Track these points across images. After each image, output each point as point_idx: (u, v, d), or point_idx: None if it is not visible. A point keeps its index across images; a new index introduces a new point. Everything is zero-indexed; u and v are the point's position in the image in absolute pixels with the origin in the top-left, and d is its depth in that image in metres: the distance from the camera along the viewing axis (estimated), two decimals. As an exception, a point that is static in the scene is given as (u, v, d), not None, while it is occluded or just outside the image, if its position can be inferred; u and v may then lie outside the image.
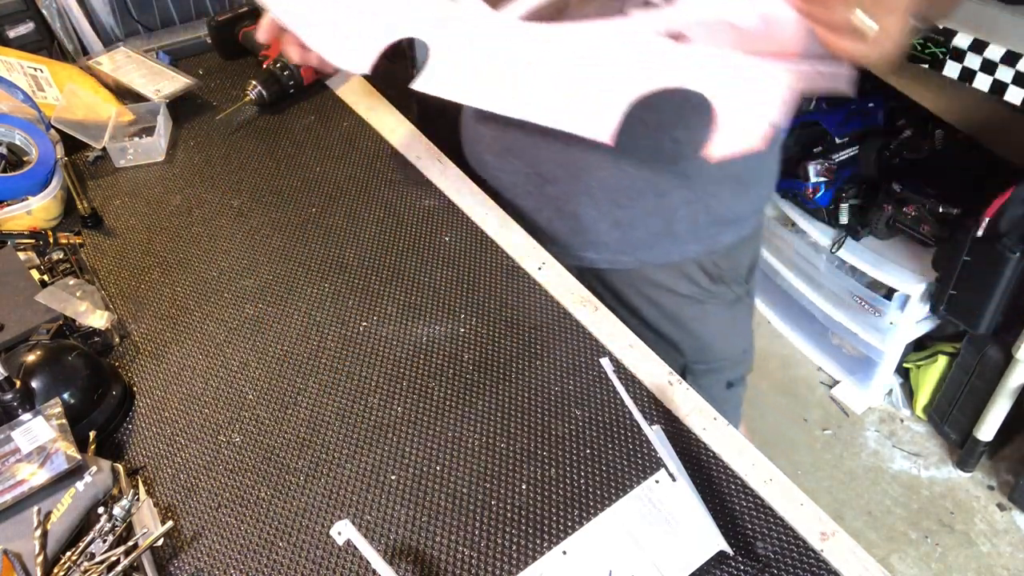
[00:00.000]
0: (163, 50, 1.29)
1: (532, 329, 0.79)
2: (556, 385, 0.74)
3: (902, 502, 1.79)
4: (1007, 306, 1.61)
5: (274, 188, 1.01)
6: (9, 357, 0.73)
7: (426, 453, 0.69)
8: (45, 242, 0.90)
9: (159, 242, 0.94)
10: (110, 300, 0.87)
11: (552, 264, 0.87)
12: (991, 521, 1.74)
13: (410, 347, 0.78)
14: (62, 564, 0.60)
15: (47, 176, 0.97)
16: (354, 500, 0.66)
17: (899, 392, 1.98)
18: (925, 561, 1.68)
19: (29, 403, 0.69)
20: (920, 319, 1.80)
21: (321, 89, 1.21)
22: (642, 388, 0.73)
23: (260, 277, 0.88)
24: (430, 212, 0.95)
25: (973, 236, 1.56)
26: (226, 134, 1.13)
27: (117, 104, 1.14)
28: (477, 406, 0.72)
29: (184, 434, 0.72)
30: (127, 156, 1.07)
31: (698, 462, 0.67)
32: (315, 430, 0.72)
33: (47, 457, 0.65)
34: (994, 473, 1.82)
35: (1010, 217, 1.52)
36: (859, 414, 1.98)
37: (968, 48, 1.35)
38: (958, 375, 1.76)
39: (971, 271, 1.60)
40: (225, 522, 0.65)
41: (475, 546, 0.62)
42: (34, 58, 1.16)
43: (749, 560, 0.60)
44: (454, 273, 0.86)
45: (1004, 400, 1.64)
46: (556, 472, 0.67)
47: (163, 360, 0.80)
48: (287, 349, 0.80)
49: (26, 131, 0.99)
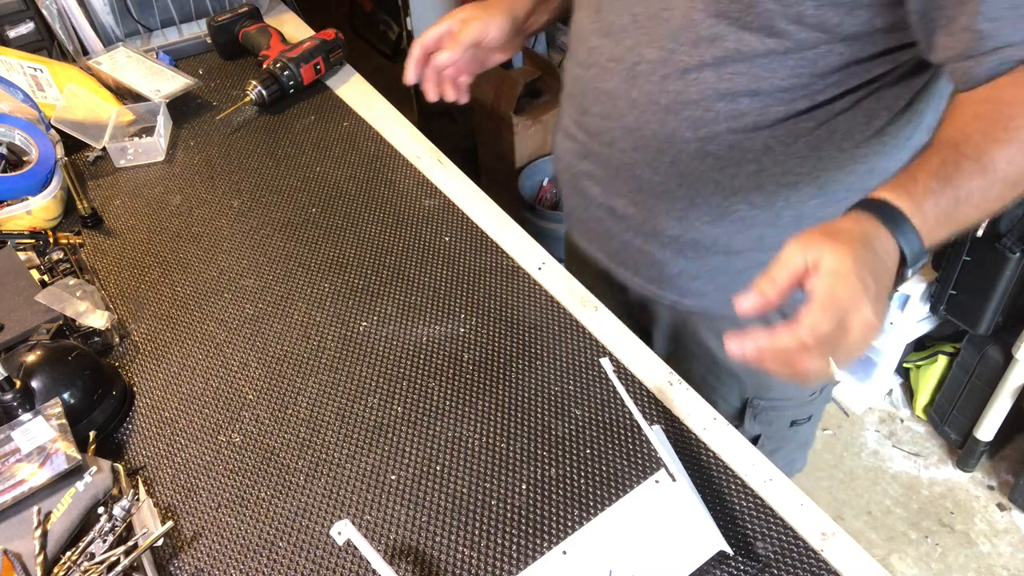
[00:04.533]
0: (163, 50, 1.28)
1: (532, 329, 0.79)
2: (556, 385, 0.74)
3: (902, 502, 1.79)
4: (1007, 306, 1.61)
5: (274, 188, 1.01)
6: (9, 357, 0.73)
7: (426, 453, 0.69)
8: (45, 242, 0.90)
9: (159, 242, 0.94)
10: (110, 300, 0.87)
11: (552, 264, 0.87)
12: (991, 521, 1.74)
13: (410, 347, 0.78)
14: (62, 564, 0.60)
15: (47, 176, 0.97)
16: (354, 500, 0.66)
17: (899, 392, 1.98)
18: (925, 561, 1.68)
19: (29, 403, 0.69)
20: (920, 319, 1.80)
21: (321, 89, 1.21)
22: (642, 388, 0.73)
23: (260, 277, 0.88)
24: (430, 212, 0.95)
25: (973, 236, 1.56)
26: (226, 134, 1.13)
27: (117, 104, 1.14)
28: (477, 406, 0.72)
29: (184, 434, 0.72)
30: (127, 156, 1.07)
31: (698, 462, 0.67)
32: (315, 430, 0.72)
33: (47, 457, 0.64)
34: (994, 473, 1.82)
35: (1010, 217, 1.52)
36: (859, 414, 1.98)
37: (968, 48, 1.35)
38: (958, 375, 1.76)
39: (971, 271, 1.60)
40: (225, 522, 0.65)
41: (475, 546, 0.62)
42: (34, 58, 1.16)
43: (749, 560, 0.60)
44: (454, 273, 0.86)
45: (1004, 400, 1.64)
46: (556, 472, 0.67)
47: (163, 360, 0.80)
48: (287, 349, 0.80)
49: (26, 131, 0.99)
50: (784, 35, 0.72)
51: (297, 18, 1.44)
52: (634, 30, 0.81)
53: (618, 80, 0.84)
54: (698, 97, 0.79)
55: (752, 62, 0.75)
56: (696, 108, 0.80)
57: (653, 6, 0.79)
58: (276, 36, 1.25)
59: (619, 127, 0.87)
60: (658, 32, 0.79)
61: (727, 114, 0.79)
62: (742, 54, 0.75)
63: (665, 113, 0.81)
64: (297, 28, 1.39)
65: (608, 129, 0.89)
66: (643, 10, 0.80)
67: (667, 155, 0.84)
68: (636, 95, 0.83)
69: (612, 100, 0.86)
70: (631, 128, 0.85)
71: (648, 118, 0.83)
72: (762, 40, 0.73)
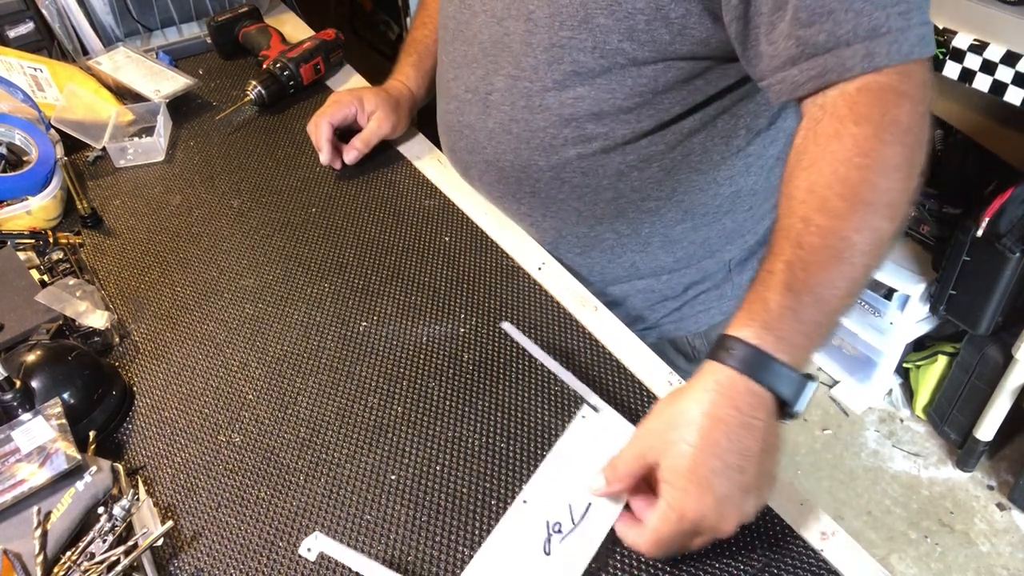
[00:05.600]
0: (163, 50, 1.28)
1: (532, 329, 0.79)
2: (556, 385, 0.74)
3: (902, 502, 1.79)
4: (1007, 306, 1.61)
5: (274, 188, 1.01)
6: (9, 357, 0.73)
7: (426, 453, 0.69)
8: (45, 242, 0.90)
9: (159, 242, 0.94)
10: (110, 300, 0.87)
11: (552, 264, 0.87)
12: (991, 521, 1.74)
13: (410, 347, 0.78)
14: (62, 564, 0.60)
15: (47, 176, 0.97)
16: (354, 500, 0.66)
17: (899, 392, 1.98)
18: (925, 561, 1.68)
19: (29, 403, 0.69)
20: (920, 319, 1.81)
21: (321, 89, 1.21)
22: (642, 388, 0.73)
23: (260, 277, 0.88)
24: (430, 212, 0.95)
25: (973, 236, 1.56)
26: (226, 134, 1.13)
27: (117, 104, 1.14)
28: (477, 406, 0.72)
29: (184, 434, 0.72)
30: (127, 156, 1.07)
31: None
32: (315, 430, 0.72)
33: (47, 457, 0.65)
34: (994, 473, 1.82)
35: (1010, 217, 1.52)
36: (859, 414, 1.98)
37: (968, 48, 1.35)
38: (958, 375, 1.76)
39: (971, 271, 1.60)
40: (225, 522, 0.65)
41: (475, 546, 0.62)
42: (34, 58, 1.16)
43: (749, 560, 0.60)
44: (454, 273, 0.86)
45: (1004, 400, 1.65)
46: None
47: (163, 360, 0.80)
48: (287, 349, 0.80)
49: (26, 131, 0.99)
50: (619, 53, 0.70)
51: (297, 18, 1.44)
52: (483, 59, 0.81)
53: (475, 112, 0.84)
54: (545, 124, 0.78)
55: (592, 83, 0.74)
56: (544, 135, 0.79)
57: (495, 33, 0.78)
58: (276, 36, 1.25)
59: (481, 160, 0.88)
60: (503, 59, 0.79)
61: (574, 139, 0.78)
62: (580, 76, 0.74)
63: (518, 142, 0.81)
64: (297, 28, 1.40)
65: (474, 163, 0.89)
66: (488, 37, 0.80)
67: (526, 186, 0.84)
68: (492, 125, 0.83)
69: (473, 133, 0.86)
70: (491, 161, 0.86)
71: (504, 148, 0.83)
72: (596, 60, 0.71)
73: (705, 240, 0.87)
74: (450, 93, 0.89)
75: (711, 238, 0.87)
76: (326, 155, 0.99)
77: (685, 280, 0.90)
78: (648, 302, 0.92)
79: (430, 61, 1.05)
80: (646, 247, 0.86)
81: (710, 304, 0.93)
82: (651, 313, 0.93)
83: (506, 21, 0.77)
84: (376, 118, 1.00)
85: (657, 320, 0.93)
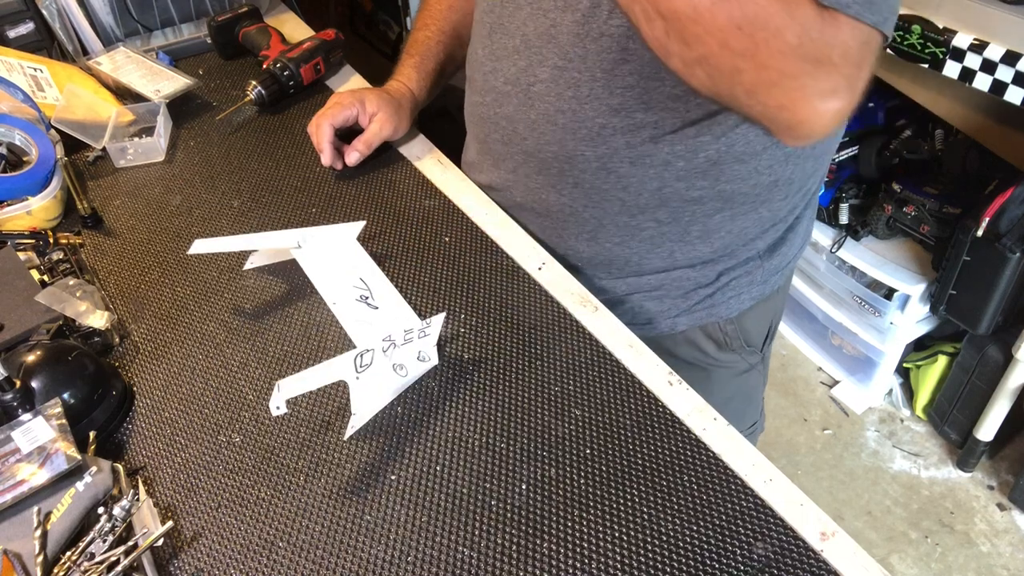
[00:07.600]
0: (163, 50, 1.28)
1: (532, 329, 0.79)
2: (556, 385, 0.74)
3: (902, 502, 1.79)
4: (1007, 306, 1.61)
5: (274, 188, 1.01)
6: (9, 357, 0.73)
7: (426, 453, 0.69)
8: (45, 242, 0.90)
9: (159, 242, 0.94)
10: (110, 300, 0.87)
11: (552, 264, 0.87)
12: (991, 521, 1.74)
13: (410, 347, 0.78)
14: (62, 564, 0.60)
15: (47, 176, 0.97)
16: (354, 500, 0.66)
17: (899, 392, 1.98)
18: (925, 561, 1.68)
19: (29, 403, 0.69)
20: (920, 319, 1.80)
21: (321, 89, 1.21)
22: (642, 388, 0.73)
23: (260, 277, 0.88)
24: (430, 212, 0.95)
25: (973, 236, 1.56)
26: (226, 134, 1.13)
27: (117, 104, 1.14)
28: (477, 406, 0.72)
29: (184, 434, 0.72)
30: (127, 156, 1.07)
31: (698, 462, 0.67)
32: (315, 430, 0.72)
33: (47, 457, 0.65)
34: (994, 473, 1.82)
35: (1010, 217, 1.52)
36: (859, 414, 1.98)
37: (968, 48, 1.35)
38: (958, 375, 1.76)
39: (971, 271, 1.60)
40: (225, 522, 0.65)
41: (475, 546, 0.62)
42: (34, 58, 1.16)
43: (749, 560, 0.60)
44: (454, 273, 0.86)
45: (1004, 400, 1.64)
46: (556, 472, 0.67)
47: (163, 360, 0.80)
48: (287, 349, 0.80)
49: (26, 131, 0.99)
50: None
51: (297, 18, 1.44)
52: (526, 51, 0.82)
53: (516, 103, 0.84)
54: (593, 114, 0.79)
55: (642, 72, 0.74)
56: (592, 124, 0.79)
57: (541, 24, 0.79)
58: (276, 36, 1.25)
59: (519, 152, 0.87)
60: (548, 50, 0.79)
61: (623, 128, 0.78)
62: (630, 65, 0.74)
63: (564, 133, 0.81)
64: (297, 28, 1.40)
65: (510, 155, 0.89)
66: (533, 30, 0.80)
67: (569, 176, 0.84)
68: (534, 116, 0.83)
69: (512, 124, 0.86)
70: (531, 152, 0.86)
71: (548, 139, 0.83)
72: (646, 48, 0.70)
73: (742, 229, 0.88)
74: (487, 85, 0.88)
75: (747, 227, 0.88)
76: (327, 156, 1.00)
77: (719, 267, 0.92)
78: (683, 290, 0.92)
79: (432, 62, 1.05)
80: (685, 236, 0.87)
81: (741, 290, 0.94)
82: (684, 301, 0.93)
83: (552, 13, 0.78)
84: (378, 120, 1.00)
85: (690, 307, 0.94)
